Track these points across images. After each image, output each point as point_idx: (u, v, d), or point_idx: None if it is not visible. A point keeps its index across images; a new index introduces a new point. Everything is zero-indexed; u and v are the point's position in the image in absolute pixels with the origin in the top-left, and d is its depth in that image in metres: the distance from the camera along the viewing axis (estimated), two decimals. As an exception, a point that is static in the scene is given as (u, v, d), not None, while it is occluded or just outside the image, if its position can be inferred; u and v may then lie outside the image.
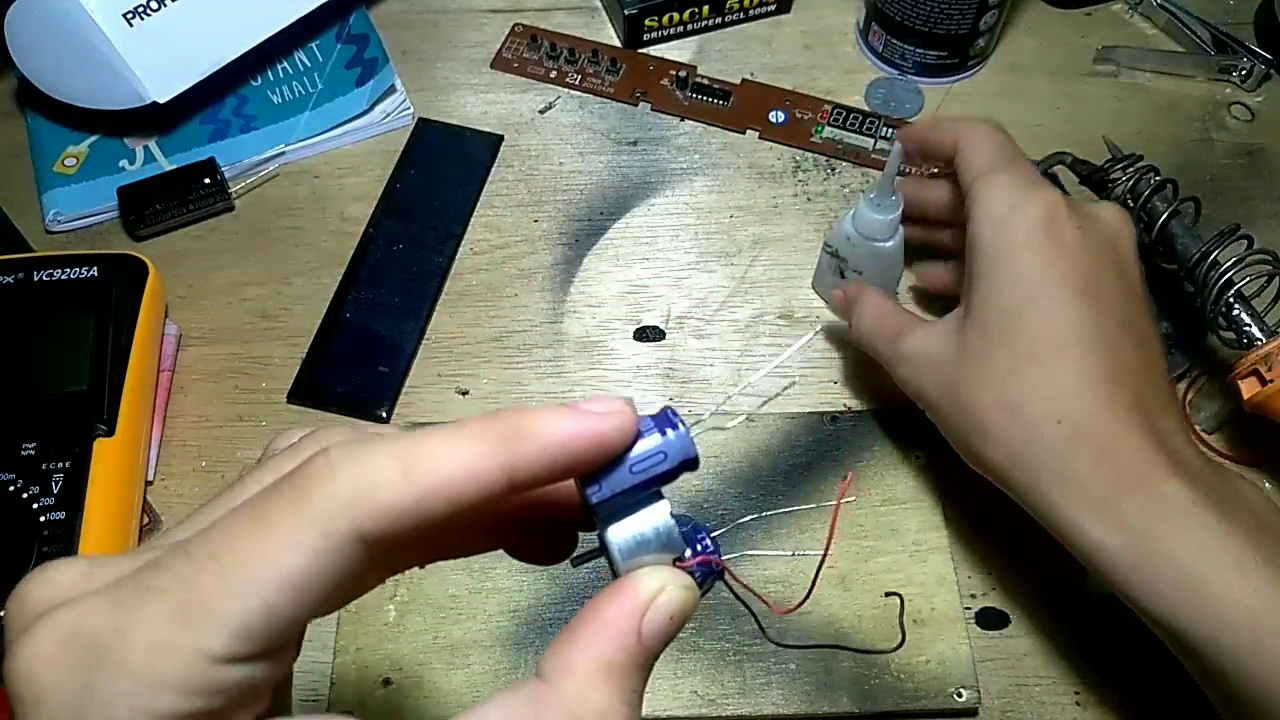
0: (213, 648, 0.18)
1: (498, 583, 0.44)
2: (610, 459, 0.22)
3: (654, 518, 0.23)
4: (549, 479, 0.22)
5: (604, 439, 0.22)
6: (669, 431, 0.23)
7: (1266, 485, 0.48)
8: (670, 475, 0.23)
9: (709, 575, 0.22)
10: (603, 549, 0.23)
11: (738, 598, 0.26)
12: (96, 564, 0.20)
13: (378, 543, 0.19)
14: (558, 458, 0.21)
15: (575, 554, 0.26)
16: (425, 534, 0.20)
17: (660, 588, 0.22)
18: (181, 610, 0.18)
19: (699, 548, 0.22)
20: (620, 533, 0.23)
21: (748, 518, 0.46)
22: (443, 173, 0.58)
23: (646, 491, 0.23)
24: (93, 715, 0.18)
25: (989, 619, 0.45)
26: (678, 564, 0.23)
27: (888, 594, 0.44)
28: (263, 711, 0.20)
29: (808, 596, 0.29)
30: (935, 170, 0.54)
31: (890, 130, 0.60)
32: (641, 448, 0.22)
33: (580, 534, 0.27)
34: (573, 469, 0.22)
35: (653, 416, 0.23)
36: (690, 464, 0.23)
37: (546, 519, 0.26)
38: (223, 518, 0.20)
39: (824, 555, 0.28)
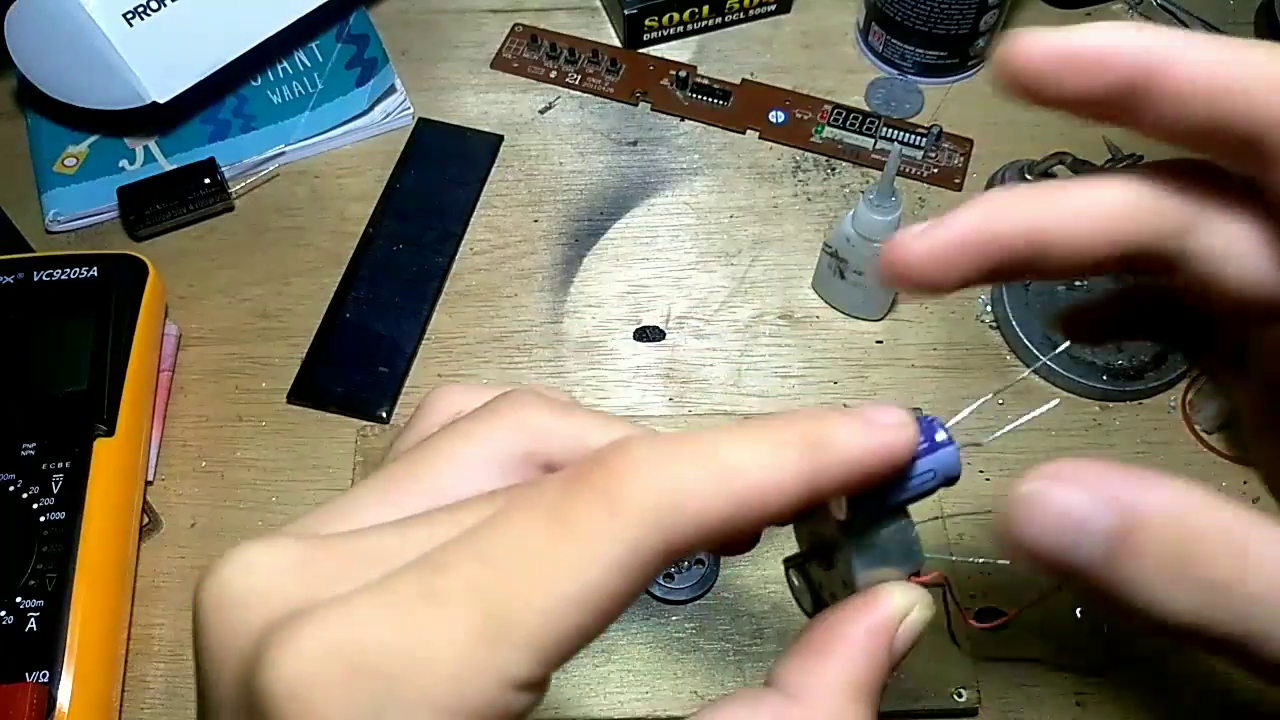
0: (516, 672, 0.16)
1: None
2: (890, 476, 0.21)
3: (897, 530, 0.22)
4: (842, 493, 0.20)
5: (897, 455, 0.20)
6: (940, 450, 0.21)
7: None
8: (932, 493, 0.21)
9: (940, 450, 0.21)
10: (833, 553, 0.22)
11: (946, 612, 0.25)
12: (309, 548, 0.17)
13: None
14: (855, 474, 0.19)
15: (786, 556, 0.25)
16: None
17: (910, 606, 0.21)
18: (483, 627, 0.16)
19: (937, 439, 0.20)
20: (864, 545, 0.21)
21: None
22: (443, 173, 0.58)
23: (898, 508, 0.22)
24: None
25: (989, 619, 0.45)
26: (913, 579, 0.22)
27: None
28: None
29: (1018, 613, 0.28)
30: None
31: (890, 130, 0.60)
32: (916, 478, 0.21)
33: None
34: (863, 485, 0.20)
35: (922, 429, 0.21)
36: (953, 480, 0.21)
37: None
38: (508, 514, 0.17)
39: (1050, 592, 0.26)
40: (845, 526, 0.21)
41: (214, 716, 0.17)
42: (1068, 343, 0.25)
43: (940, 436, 0.21)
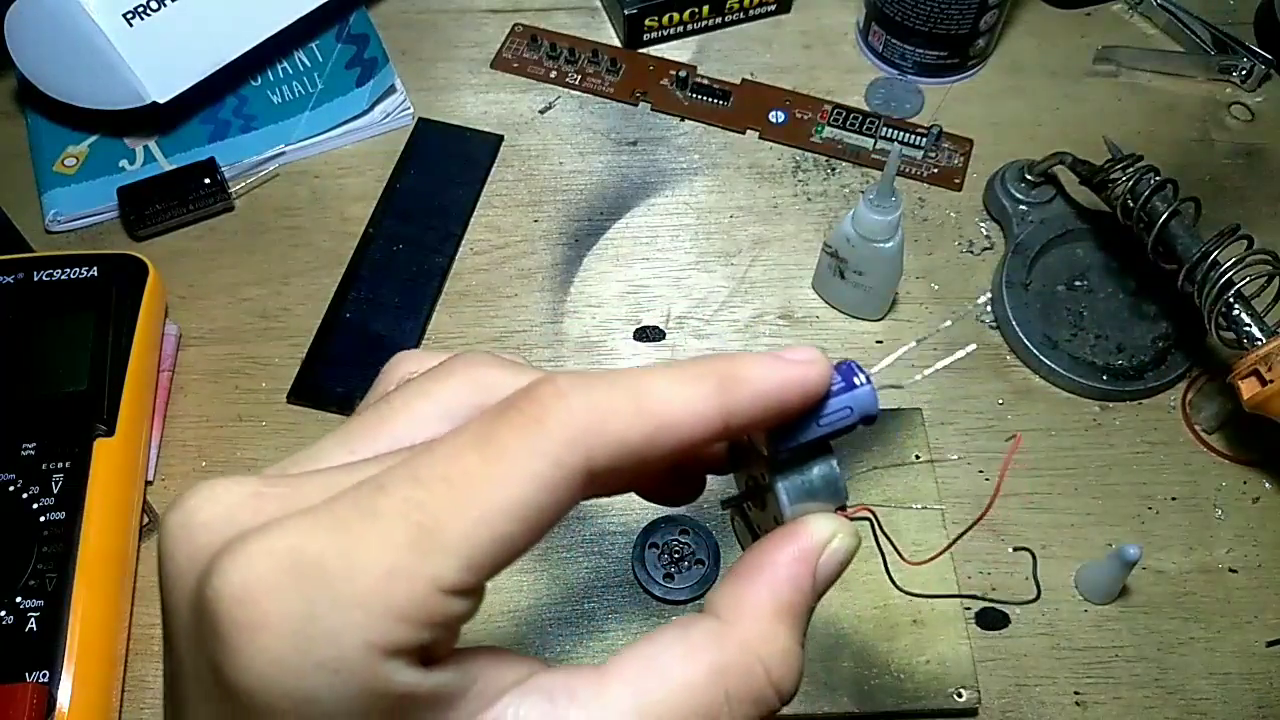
0: (446, 577, 0.17)
1: (497, 582, 0.44)
2: (805, 410, 0.22)
3: (822, 467, 0.23)
4: (755, 426, 0.21)
5: (809, 388, 0.21)
6: (857, 389, 0.23)
7: (1266, 485, 0.48)
8: (851, 429, 0.23)
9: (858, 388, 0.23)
10: (765, 493, 0.24)
11: (878, 546, 0.26)
12: (267, 484, 0.19)
13: (599, 476, 0.19)
14: (768, 405, 0.21)
15: (725, 498, 0.26)
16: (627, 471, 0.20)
17: (833, 534, 0.22)
18: (415, 536, 0.17)
19: (855, 381, 0.22)
20: (789, 481, 0.23)
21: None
22: (443, 173, 0.58)
23: (821, 443, 0.23)
24: (318, 648, 0.16)
25: (989, 619, 0.45)
26: (840, 513, 0.23)
27: (1016, 549, 0.45)
28: (453, 643, 0.19)
29: (946, 549, 0.29)
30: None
31: (890, 130, 0.60)
32: (830, 402, 0.22)
33: (709, 477, 0.27)
34: (777, 417, 0.21)
35: (836, 368, 0.23)
36: (871, 419, 0.23)
37: (688, 461, 0.26)
38: (443, 440, 0.18)
39: (985, 510, 0.28)
40: (770, 462, 0.23)
41: (173, 642, 0.18)
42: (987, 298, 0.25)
43: (859, 379, 0.23)
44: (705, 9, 0.63)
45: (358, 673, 0.17)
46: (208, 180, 0.55)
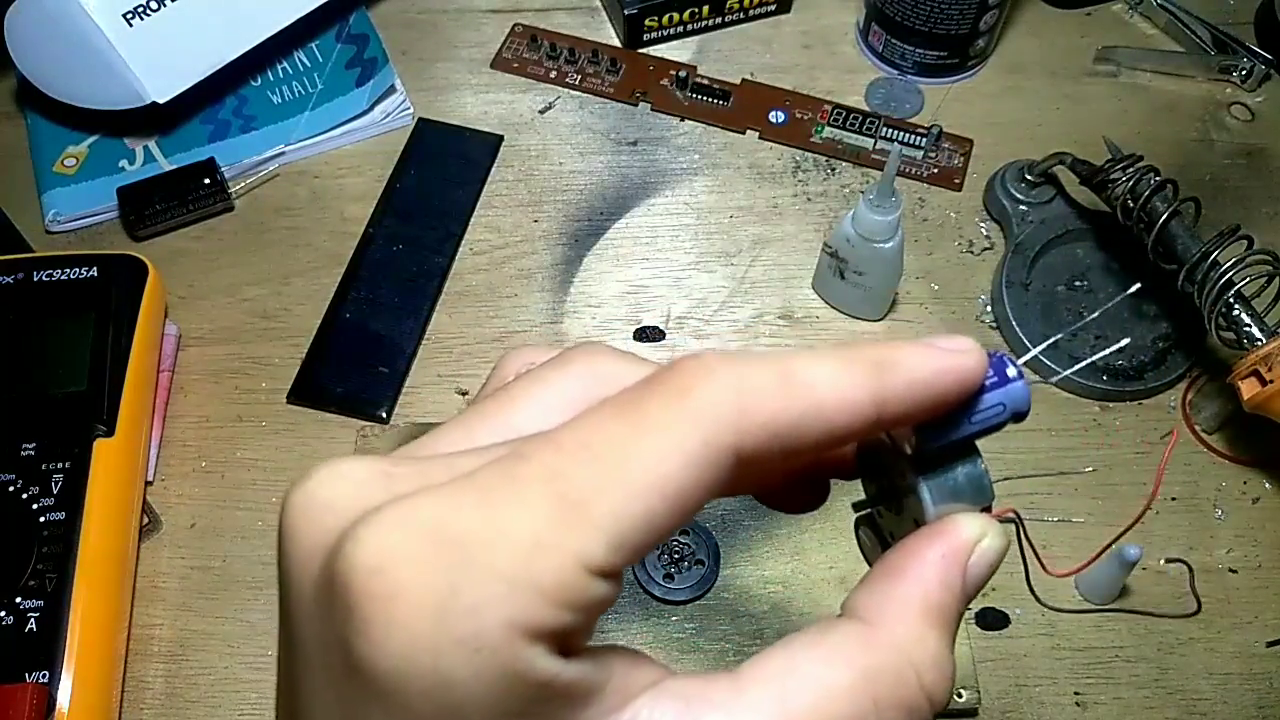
0: (593, 554, 0.16)
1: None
2: (960, 402, 0.21)
3: (967, 466, 0.22)
4: (910, 417, 0.20)
5: (965, 379, 0.20)
6: (1010, 384, 0.21)
7: (1266, 485, 0.48)
8: (1001, 426, 0.21)
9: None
10: (904, 496, 0.22)
11: (1021, 555, 0.25)
12: (395, 463, 0.18)
13: (745, 461, 0.18)
14: (923, 394, 0.20)
15: (855, 501, 0.25)
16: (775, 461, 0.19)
17: (983, 533, 0.21)
18: (560, 507, 0.16)
19: (1008, 374, 0.21)
20: (934, 480, 0.22)
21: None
22: (443, 173, 0.58)
23: (966, 442, 0.22)
24: (458, 624, 0.15)
25: (989, 619, 0.45)
26: (985, 514, 0.22)
27: (1169, 560, 0.45)
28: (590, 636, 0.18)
29: (1091, 561, 0.28)
30: None
31: (890, 130, 0.60)
32: (983, 398, 0.21)
33: (836, 481, 0.25)
34: (931, 409, 0.20)
35: (993, 364, 0.21)
36: (1022, 415, 0.21)
37: (813, 464, 0.25)
38: (584, 412, 0.18)
39: (1146, 506, 0.26)
40: (916, 461, 0.21)
41: (293, 628, 0.18)
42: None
43: (1011, 372, 0.21)
44: (705, 9, 0.63)
45: (499, 653, 0.15)
46: (208, 180, 0.55)
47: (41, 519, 0.42)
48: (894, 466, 0.23)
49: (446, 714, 0.16)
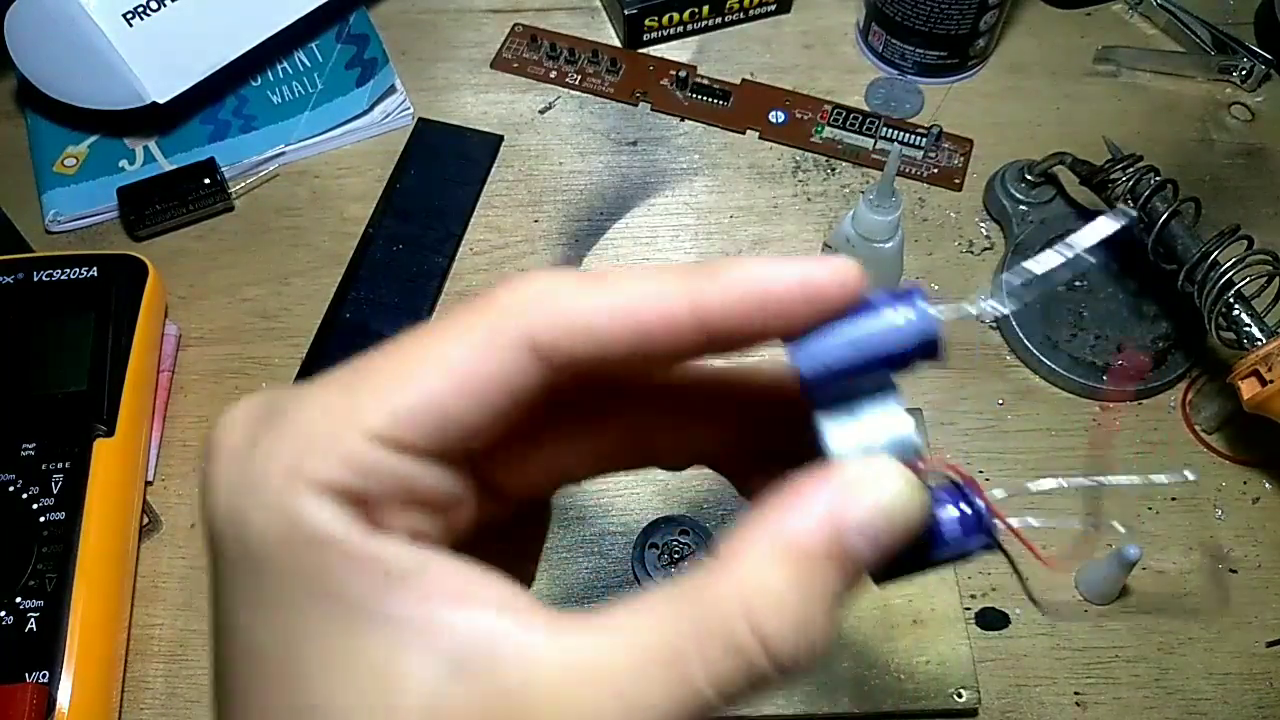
0: (368, 420, 0.18)
1: (498, 583, 0.44)
2: (823, 319, 0.19)
3: (883, 413, 0.19)
4: (745, 329, 0.19)
5: (815, 286, 0.18)
6: (908, 306, 0.18)
7: (1266, 485, 0.48)
8: (903, 357, 0.19)
9: (970, 515, 0.19)
10: (815, 440, 0.19)
11: (999, 547, 0.21)
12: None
13: (550, 358, 0.18)
14: (756, 301, 0.18)
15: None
16: (630, 395, 0.20)
17: (870, 474, 0.18)
18: (350, 385, 0.19)
19: (907, 299, 0.18)
20: (838, 425, 0.19)
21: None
22: (443, 173, 0.58)
23: (874, 378, 0.19)
24: (253, 469, 0.18)
25: (989, 619, 0.45)
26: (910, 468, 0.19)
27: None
28: (425, 536, 0.19)
29: (1083, 551, 0.25)
30: None
31: (890, 130, 0.60)
32: (869, 318, 0.18)
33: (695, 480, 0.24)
34: (776, 322, 0.19)
35: (892, 293, 0.19)
36: (928, 345, 0.19)
37: (774, 446, 0.23)
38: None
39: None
40: (808, 394, 0.19)
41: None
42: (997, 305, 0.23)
43: (911, 303, 0.19)
44: (705, 9, 0.63)
45: (279, 496, 0.17)
46: (208, 180, 0.55)
47: (41, 519, 0.42)
48: (811, 417, 0.20)
49: (248, 556, 0.18)
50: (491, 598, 0.18)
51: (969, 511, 0.20)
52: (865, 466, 0.19)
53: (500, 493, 0.22)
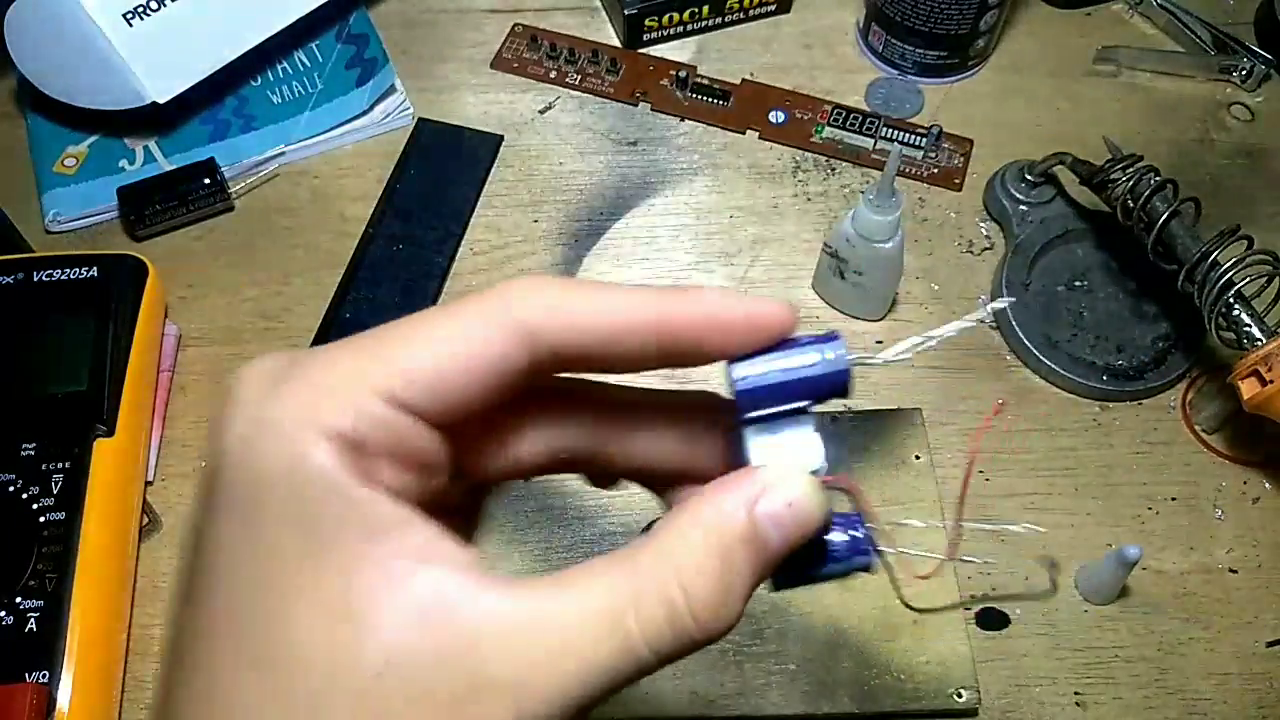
0: (375, 378, 0.20)
1: (498, 583, 0.44)
2: (760, 346, 0.22)
3: (799, 435, 0.23)
4: (699, 345, 0.22)
5: (758, 318, 0.22)
6: (828, 346, 0.22)
7: (1266, 485, 0.48)
8: (818, 385, 0.22)
9: (858, 541, 0.24)
10: (738, 451, 0.23)
11: (878, 554, 0.26)
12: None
13: (536, 346, 0.21)
14: (709, 323, 0.22)
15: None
16: (585, 400, 0.22)
17: (783, 477, 0.22)
18: (364, 348, 0.21)
19: (829, 340, 0.22)
20: (760, 441, 0.23)
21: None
22: (443, 173, 0.58)
23: (794, 405, 0.23)
24: (269, 412, 0.20)
25: (989, 619, 0.45)
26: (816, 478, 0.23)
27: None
28: (408, 493, 0.21)
29: (948, 559, 0.28)
30: None
31: (890, 130, 0.60)
32: (796, 350, 0.22)
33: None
34: (721, 342, 0.22)
35: (814, 335, 0.23)
36: (840, 381, 0.22)
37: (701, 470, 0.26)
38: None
39: (963, 493, 0.28)
40: (739, 410, 0.23)
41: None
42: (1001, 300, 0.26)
43: (834, 346, 0.23)
44: (705, 9, 0.63)
45: (289, 436, 0.19)
46: (208, 180, 0.55)
47: (41, 519, 0.42)
48: (737, 431, 0.23)
49: (252, 486, 0.19)
50: (458, 559, 0.20)
51: (858, 535, 0.24)
52: (775, 471, 0.22)
53: (458, 471, 0.23)
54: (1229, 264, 0.46)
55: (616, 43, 0.64)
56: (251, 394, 0.20)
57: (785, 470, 0.22)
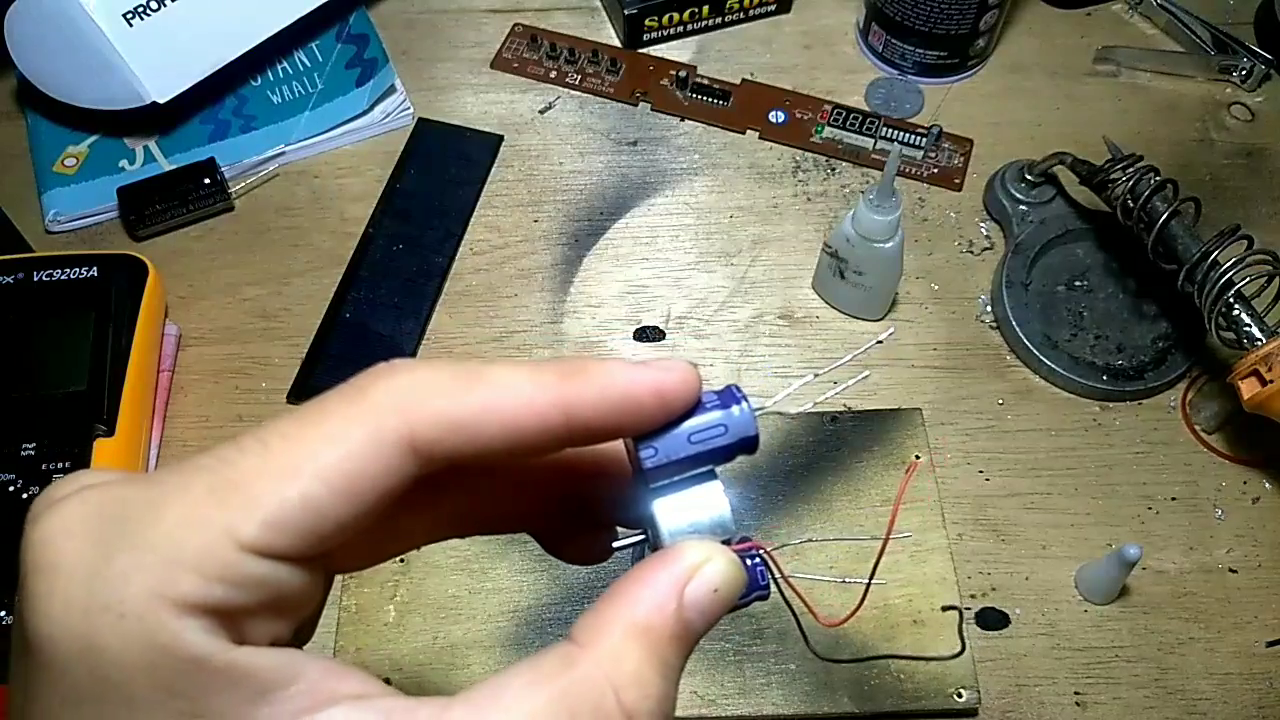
0: (242, 531, 0.17)
1: (497, 583, 0.44)
2: (669, 419, 0.21)
3: (706, 496, 0.22)
4: (606, 428, 0.21)
5: (667, 391, 0.21)
6: (733, 407, 0.22)
7: (1266, 485, 0.48)
8: (727, 451, 0.22)
9: (756, 573, 0.23)
10: (646, 524, 0.23)
11: (788, 605, 0.26)
12: (104, 473, 0.19)
13: (427, 456, 0.19)
14: (618, 404, 0.20)
15: (618, 543, 0.25)
16: (473, 472, 0.19)
17: (705, 558, 0.21)
18: (217, 488, 0.17)
19: (733, 401, 0.22)
20: (668, 507, 0.22)
21: (791, 541, 0.46)
22: (443, 173, 0.58)
23: (701, 468, 0.22)
24: (105, 589, 0.16)
25: (989, 619, 0.45)
26: (729, 546, 0.22)
27: (945, 608, 0.43)
28: (281, 638, 0.19)
29: (859, 607, 0.28)
30: None
31: (890, 130, 0.60)
32: (702, 419, 0.22)
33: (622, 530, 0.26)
34: (632, 422, 0.21)
35: (716, 392, 0.22)
36: (749, 444, 0.22)
37: (588, 510, 0.25)
38: (276, 417, 0.19)
39: (879, 555, 0.26)
40: (642, 475, 0.22)
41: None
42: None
43: (739, 403, 0.22)
44: (705, 9, 0.63)
45: (144, 620, 0.16)
46: (208, 180, 0.55)
47: (41, 519, 0.42)
48: (642, 498, 0.23)
49: (100, 683, 0.16)
50: (357, 690, 0.18)
51: (758, 581, 0.23)
52: (698, 552, 0.21)
53: (331, 570, 0.22)
54: (1229, 264, 0.46)
55: (616, 43, 0.64)
56: (73, 563, 0.17)
57: (703, 550, 0.21)
